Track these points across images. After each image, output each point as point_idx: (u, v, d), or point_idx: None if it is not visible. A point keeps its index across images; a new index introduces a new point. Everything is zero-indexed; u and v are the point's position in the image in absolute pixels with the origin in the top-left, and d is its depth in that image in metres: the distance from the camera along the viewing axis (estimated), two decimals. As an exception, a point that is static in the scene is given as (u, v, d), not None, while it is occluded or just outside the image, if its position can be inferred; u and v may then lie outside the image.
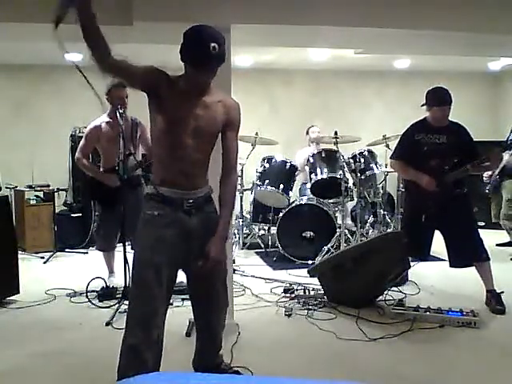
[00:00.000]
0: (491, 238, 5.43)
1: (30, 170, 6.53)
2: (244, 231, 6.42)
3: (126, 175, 4.11)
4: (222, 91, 2.56)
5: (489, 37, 4.04)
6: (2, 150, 6.73)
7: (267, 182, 5.86)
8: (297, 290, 4.43)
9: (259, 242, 6.16)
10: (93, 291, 4.29)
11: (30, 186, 6.42)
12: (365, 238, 5.63)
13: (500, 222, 5.65)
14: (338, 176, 5.56)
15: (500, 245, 6.12)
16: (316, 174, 5.72)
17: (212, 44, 2.24)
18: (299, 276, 4.89)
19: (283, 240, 5.61)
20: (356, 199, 6.07)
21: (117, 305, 3.97)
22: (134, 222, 2.67)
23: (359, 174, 5.75)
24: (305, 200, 5.83)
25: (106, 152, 4.41)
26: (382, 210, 6.08)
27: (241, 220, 6.31)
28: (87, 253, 6.13)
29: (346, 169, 5.56)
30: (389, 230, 5.91)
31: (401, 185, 5.77)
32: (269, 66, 7.39)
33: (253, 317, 3.90)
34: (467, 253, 4.02)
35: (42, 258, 5.85)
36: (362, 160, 5.76)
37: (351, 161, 5.74)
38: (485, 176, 5.67)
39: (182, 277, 2.61)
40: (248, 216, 6.39)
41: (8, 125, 6.88)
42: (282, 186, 5.82)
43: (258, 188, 5.93)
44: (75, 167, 6.11)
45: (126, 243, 4.12)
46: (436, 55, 5.96)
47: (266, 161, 6.04)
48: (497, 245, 6.08)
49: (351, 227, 6.23)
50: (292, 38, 4.25)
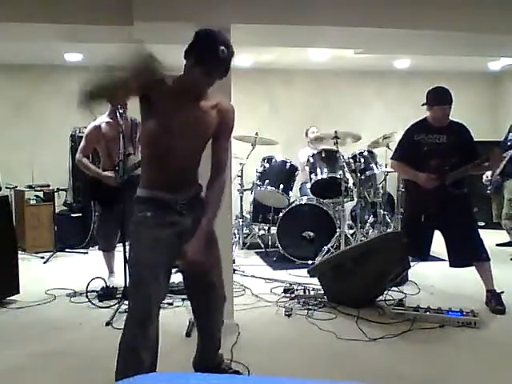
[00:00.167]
0: (491, 238, 5.44)
1: (30, 170, 6.53)
2: (244, 231, 6.42)
3: (126, 175, 4.11)
4: (220, 93, 2.53)
5: (489, 37, 4.04)
6: (2, 150, 6.73)
7: (267, 182, 5.86)
8: (297, 289, 4.43)
9: (259, 242, 6.16)
10: (93, 291, 4.29)
11: (30, 186, 6.43)
12: (365, 238, 5.63)
13: (501, 221, 5.65)
14: (338, 176, 5.56)
15: (500, 245, 6.12)
16: (316, 174, 5.72)
17: (222, 47, 2.27)
18: (299, 276, 4.89)
19: (283, 240, 5.61)
20: (356, 199, 6.07)
21: (117, 305, 3.97)
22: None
23: (359, 174, 5.76)
24: (305, 200, 5.83)
25: (105, 152, 4.41)
26: (382, 210, 6.08)
27: (241, 220, 6.31)
28: (87, 253, 6.15)
29: (345, 169, 5.56)
30: (389, 230, 5.91)
31: (401, 185, 5.76)
32: (269, 66, 7.39)
33: (253, 317, 3.89)
34: (467, 253, 4.02)
35: (42, 258, 5.85)
36: (362, 160, 5.77)
37: (351, 161, 5.75)
38: (484, 178, 5.68)
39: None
40: (248, 216, 6.39)
41: (8, 125, 6.88)
42: (281, 186, 5.82)
43: (258, 188, 5.94)
44: (75, 167, 6.11)
45: (126, 243, 4.11)
46: (436, 55, 5.96)
47: (265, 161, 6.05)
48: (497, 245, 6.08)
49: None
50: (292, 38, 4.25)
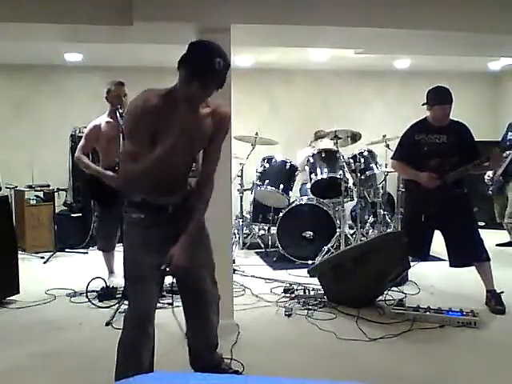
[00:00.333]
0: (491, 238, 5.44)
1: (30, 170, 6.52)
2: (244, 231, 6.41)
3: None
4: (221, 93, 2.42)
5: (489, 37, 4.04)
6: (2, 150, 6.72)
7: (267, 182, 5.86)
8: (297, 289, 4.43)
9: (259, 242, 6.15)
10: (93, 291, 4.29)
11: (30, 186, 6.42)
12: (365, 238, 5.63)
13: (504, 221, 5.65)
14: (338, 176, 5.56)
15: (500, 245, 6.12)
16: (316, 174, 5.72)
17: (218, 59, 2.20)
18: (299, 276, 4.89)
19: (283, 240, 5.61)
20: (356, 199, 6.07)
21: (117, 305, 3.96)
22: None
23: (359, 174, 5.76)
24: (305, 200, 5.83)
25: (105, 152, 4.40)
26: (382, 210, 6.08)
27: (241, 220, 6.31)
28: (87, 253, 6.14)
29: (345, 169, 5.56)
30: (389, 230, 5.91)
31: (401, 185, 5.76)
32: (269, 66, 7.38)
33: (253, 317, 3.90)
34: (467, 253, 4.02)
35: (42, 257, 5.85)
36: (362, 160, 5.77)
37: (351, 161, 5.75)
38: (486, 177, 5.67)
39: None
40: (248, 216, 6.39)
41: (8, 125, 6.88)
42: (281, 185, 5.82)
43: (258, 188, 5.94)
44: (75, 167, 6.12)
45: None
46: (436, 55, 5.95)
47: (265, 161, 6.05)
48: (497, 245, 6.08)
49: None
50: (292, 38, 4.24)
